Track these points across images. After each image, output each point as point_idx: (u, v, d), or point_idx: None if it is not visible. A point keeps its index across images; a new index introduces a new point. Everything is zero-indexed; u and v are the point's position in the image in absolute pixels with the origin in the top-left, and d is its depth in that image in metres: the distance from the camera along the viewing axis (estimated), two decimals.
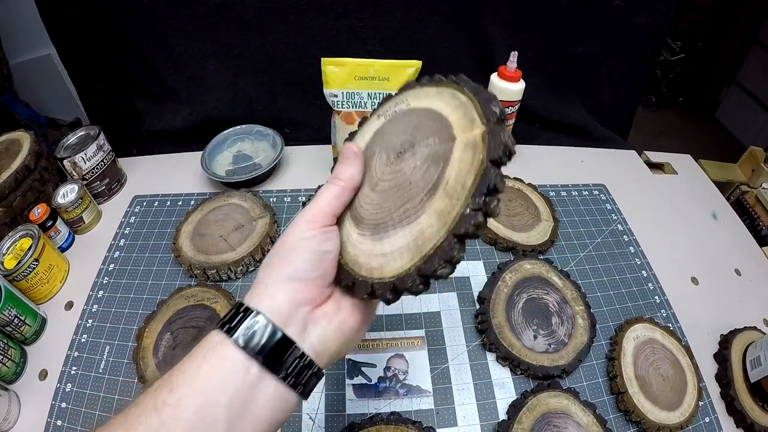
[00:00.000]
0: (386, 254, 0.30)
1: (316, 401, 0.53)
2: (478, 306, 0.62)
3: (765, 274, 0.78)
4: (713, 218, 0.88)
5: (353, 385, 0.55)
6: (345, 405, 0.53)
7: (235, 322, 0.28)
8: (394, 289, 0.29)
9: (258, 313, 0.28)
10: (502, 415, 0.54)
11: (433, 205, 0.28)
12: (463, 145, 0.29)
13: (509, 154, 0.27)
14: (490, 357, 0.58)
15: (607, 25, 0.92)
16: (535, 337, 0.59)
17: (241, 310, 0.29)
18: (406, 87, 0.36)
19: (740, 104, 2.52)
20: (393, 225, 0.30)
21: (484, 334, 0.58)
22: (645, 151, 1.00)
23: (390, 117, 0.36)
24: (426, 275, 0.28)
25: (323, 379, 0.54)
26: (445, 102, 0.32)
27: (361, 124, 0.38)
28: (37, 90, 1.38)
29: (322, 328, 0.30)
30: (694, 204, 0.88)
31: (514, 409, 0.53)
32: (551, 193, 0.82)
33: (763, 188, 1.05)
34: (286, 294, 0.29)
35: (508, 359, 0.57)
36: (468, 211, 0.26)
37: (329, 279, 0.31)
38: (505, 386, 0.56)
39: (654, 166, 0.98)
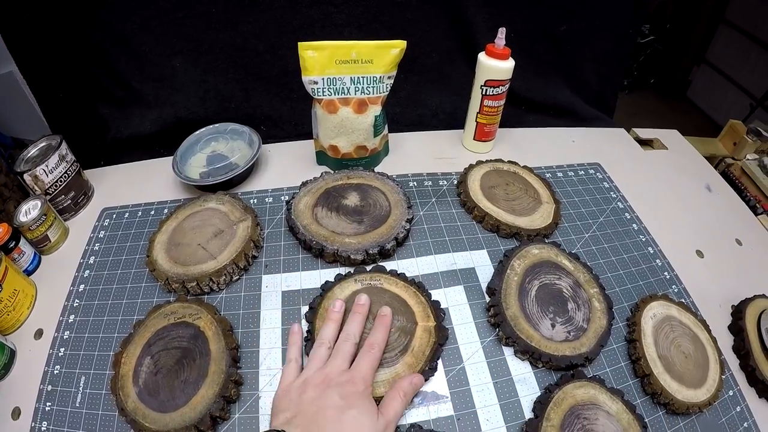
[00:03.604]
0: (373, 383, 0.48)
1: None
2: (488, 298, 0.58)
3: (765, 242, 0.78)
4: (708, 190, 0.87)
5: None
6: None
7: None
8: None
9: None
10: (528, 414, 0.50)
11: (405, 360, 0.50)
12: (422, 329, 0.53)
13: (446, 340, 0.53)
14: (508, 352, 0.54)
15: (588, 1, 0.90)
16: (553, 326, 0.55)
17: None
18: (375, 269, 0.59)
19: (711, 82, 2.57)
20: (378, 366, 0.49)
21: (499, 327, 0.54)
22: (633, 129, 0.99)
23: (365, 286, 0.56)
24: None
25: None
26: (410, 296, 0.56)
27: (339, 279, 0.57)
28: (1, 109, 1.29)
29: None
30: (688, 177, 0.88)
31: (541, 405, 0.49)
32: (547, 175, 0.79)
33: (748, 160, 1.06)
34: None
35: (527, 352, 0.52)
36: (426, 368, 0.50)
37: None
38: (527, 382, 0.52)
39: (643, 143, 0.97)
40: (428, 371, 0.50)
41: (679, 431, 0.52)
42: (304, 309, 0.55)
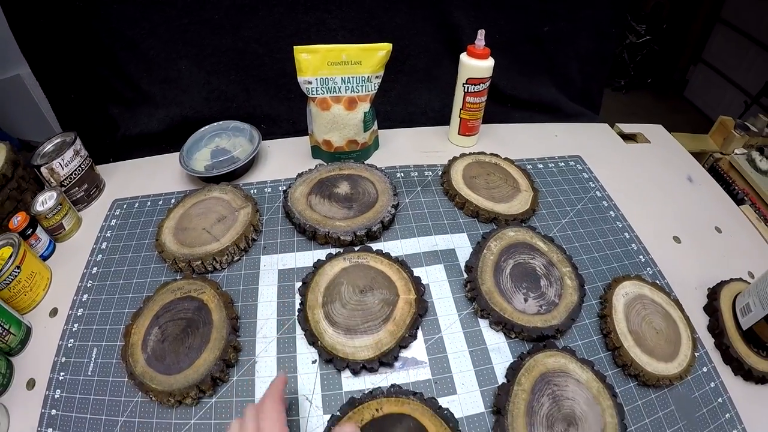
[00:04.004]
0: (356, 347, 0.54)
1: (312, 382, 0.53)
2: (465, 275, 0.62)
3: (745, 230, 0.80)
4: (689, 181, 0.89)
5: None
6: (341, 383, 0.53)
7: None
8: (363, 368, 0.53)
9: None
10: (501, 379, 0.54)
11: (387, 327, 0.55)
12: (403, 301, 0.58)
13: (425, 311, 0.58)
14: (483, 323, 0.59)
15: (570, 3, 0.95)
16: (526, 300, 0.59)
17: None
18: (363, 248, 0.64)
19: (708, 81, 2.60)
20: (361, 332, 0.55)
21: (475, 300, 0.59)
22: (617, 124, 1.03)
23: (353, 263, 0.61)
24: (382, 362, 0.53)
25: (317, 359, 0.54)
26: (393, 272, 0.61)
27: (330, 258, 0.62)
28: (8, 111, 1.36)
29: None
30: (669, 169, 0.90)
31: (513, 371, 0.53)
32: (528, 166, 0.83)
33: (736, 154, 1.08)
34: None
35: (501, 323, 0.57)
36: (407, 335, 0.55)
37: None
38: (500, 351, 0.56)
39: (627, 137, 1.00)
40: (408, 338, 0.55)
41: (650, 402, 0.55)
42: (298, 284, 0.61)
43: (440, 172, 0.79)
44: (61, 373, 0.56)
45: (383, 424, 0.48)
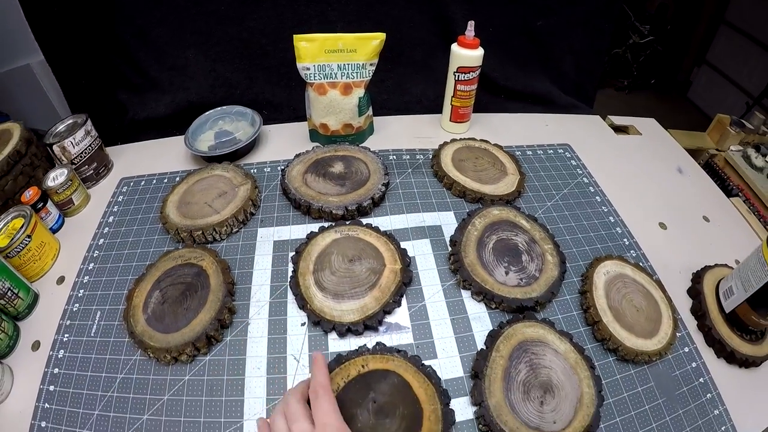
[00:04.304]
0: (343, 311, 0.57)
1: (300, 342, 0.56)
2: (450, 248, 0.66)
3: (734, 221, 0.81)
4: (679, 172, 0.90)
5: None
6: (328, 344, 0.56)
7: None
8: (348, 330, 0.56)
9: None
10: (481, 346, 0.56)
11: (373, 293, 0.59)
12: (389, 270, 0.61)
13: (410, 280, 0.61)
14: (465, 294, 0.61)
15: None
16: (507, 273, 0.62)
17: None
18: (353, 222, 0.68)
19: (711, 83, 2.60)
20: (348, 297, 0.58)
21: (458, 272, 0.62)
22: (609, 116, 1.05)
23: (343, 235, 0.65)
24: (366, 325, 0.56)
25: (306, 322, 0.58)
26: (381, 244, 0.64)
27: (322, 230, 0.66)
28: (17, 101, 1.39)
29: None
30: (659, 160, 0.91)
31: (492, 338, 0.55)
32: (517, 153, 0.86)
33: (731, 150, 1.10)
34: None
35: (482, 293, 0.60)
36: (391, 301, 0.58)
37: None
38: (481, 320, 0.59)
39: (618, 129, 1.01)
40: (392, 304, 0.58)
41: (629, 378, 0.56)
42: (292, 254, 0.64)
43: (431, 156, 0.82)
44: (66, 335, 0.59)
45: (369, 380, 0.50)
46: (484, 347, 0.56)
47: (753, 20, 2.31)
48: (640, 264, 0.67)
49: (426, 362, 0.54)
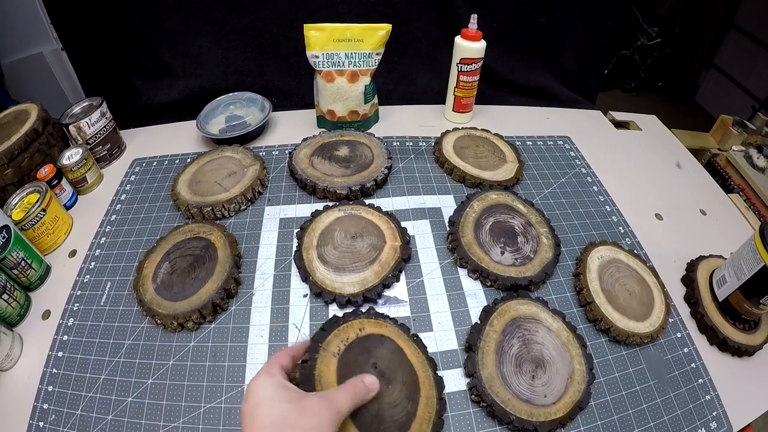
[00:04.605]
0: (344, 283, 0.59)
1: (302, 312, 0.59)
2: (448, 228, 0.68)
3: (731, 216, 0.82)
4: (677, 167, 0.91)
5: None
6: (328, 315, 0.58)
7: None
8: (348, 301, 0.58)
9: None
10: (475, 321, 0.58)
11: (373, 268, 0.61)
12: (389, 247, 0.64)
13: (409, 257, 0.64)
14: (462, 272, 0.64)
15: None
16: (503, 253, 0.64)
17: None
18: (357, 202, 0.70)
19: (719, 87, 2.60)
20: (348, 271, 0.61)
21: (455, 251, 0.64)
22: (610, 111, 1.07)
23: (346, 214, 0.68)
24: (366, 297, 0.59)
25: (308, 293, 0.60)
26: (382, 222, 0.67)
27: (326, 209, 0.68)
28: (29, 89, 1.42)
29: None
30: (658, 155, 0.93)
31: (486, 314, 0.57)
32: (517, 143, 0.88)
33: (734, 151, 1.11)
34: None
35: (477, 271, 0.62)
36: (390, 275, 0.61)
37: None
38: (476, 296, 0.61)
39: (619, 125, 1.03)
40: (391, 278, 0.60)
41: (621, 358, 0.58)
42: (297, 230, 0.67)
43: (433, 143, 0.85)
44: (76, 304, 0.61)
45: (368, 344, 0.52)
46: (479, 321, 0.58)
47: (762, 24, 2.31)
48: (635, 251, 0.69)
49: (422, 335, 0.56)
